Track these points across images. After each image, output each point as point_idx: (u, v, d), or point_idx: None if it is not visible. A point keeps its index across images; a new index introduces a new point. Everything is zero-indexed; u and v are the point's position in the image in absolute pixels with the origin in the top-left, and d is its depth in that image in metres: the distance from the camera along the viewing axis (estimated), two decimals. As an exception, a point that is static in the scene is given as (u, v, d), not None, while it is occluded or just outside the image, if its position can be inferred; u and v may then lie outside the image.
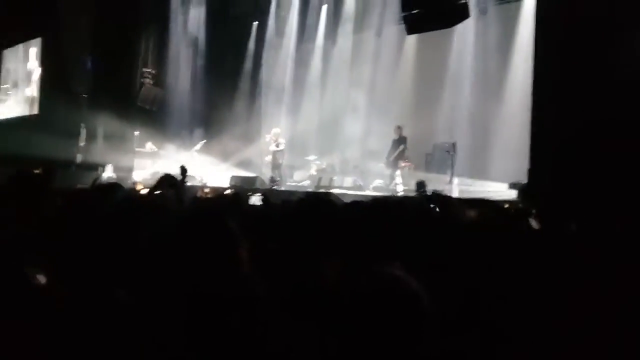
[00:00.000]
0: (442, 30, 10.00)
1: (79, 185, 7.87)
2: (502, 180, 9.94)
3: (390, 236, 2.37)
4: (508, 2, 11.96)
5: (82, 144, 13.88)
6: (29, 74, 16.57)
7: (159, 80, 15.14)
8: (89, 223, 2.27)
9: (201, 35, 15.84)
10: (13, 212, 2.48)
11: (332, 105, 14.03)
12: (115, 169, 13.12)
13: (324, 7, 14.63)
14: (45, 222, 2.38)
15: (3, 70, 17.88)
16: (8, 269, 1.59)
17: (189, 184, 11.92)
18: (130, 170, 13.59)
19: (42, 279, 1.62)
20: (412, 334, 1.30)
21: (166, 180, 3.37)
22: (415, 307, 1.30)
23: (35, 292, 1.57)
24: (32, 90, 16.32)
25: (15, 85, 17.38)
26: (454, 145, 10.43)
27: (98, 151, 13.46)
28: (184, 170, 4.11)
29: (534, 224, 3.35)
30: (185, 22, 15.57)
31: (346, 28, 14.24)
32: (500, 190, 9.69)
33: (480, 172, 10.77)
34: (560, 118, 7.36)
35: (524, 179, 8.26)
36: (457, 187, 10.19)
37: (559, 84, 7.46)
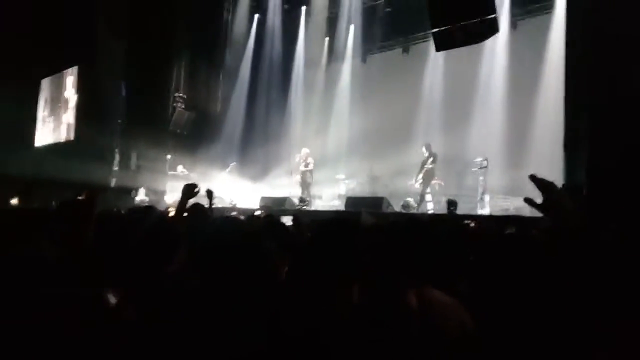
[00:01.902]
0: (471, 46, 9.95)
1: (114, 209, 8.01)
2: (536, 197, 9.74)
3: (423, 256, 2.33)
4: (537, 15, 11.87)
5: (116, 168, 14.20)
6: (66, 102, 17.08)
7: (191, 104, 15.43)
8: (123, 246, 2.32)
9: (232, 58, 16.13)
10: (64, 238, 2.57)
11: (361, 124, 14.04)
12: (148, 192, 13.36)
13: (352, 27, 14.76)
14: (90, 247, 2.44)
15: (41, 99, 18.48)
16: (86, 292, 1.65)
17: (219, 205, 12.06)
18: (163, 193, 13.81)
19: (112, 299, 1.69)
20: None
21: (189, 190, 3.40)
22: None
23: (108, 313, 1.64)
24: (69, 117, 16.79)
25: (52, 112, 17.93)
26: (485, 161, 10.28)
27: (131, 175, 13.74)
28: (210, 193, 4.15)
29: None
30: (217, 47, 15.86)
31: (374, 46, 14.32)
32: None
33: (513, 188, 10.58)
34: (595, 131, 7.22)
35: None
36: (489, 204, 10.03)
37: (591, 97, 7.33)
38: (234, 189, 13.97)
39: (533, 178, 2.29)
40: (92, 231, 2.82)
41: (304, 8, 15.77)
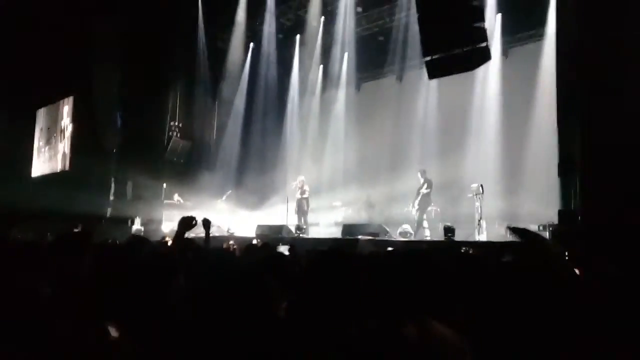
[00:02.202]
0: (464, 73, 10.07)
1: (109, 240, 7.96)
2: (531, 222, 9.75)
3: (422, 286, 2.32)
4: (528, 43, 12.07)
5: (112, 197, 14.18)
6: (61, 132, 17.13)
7: (186, 133, 15.50)
8: (120, 279, 2.32)
9: (227, 86, 16.26)
10: (61, 270, 2.58)
11: (356, 151, 14.12)
12: (144, 222, 13.31)
13: (345, 55, 14.94)
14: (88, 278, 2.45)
15: (37, 129, 18.54)
16: (87, 322, 1.66)
17: (216, 234, 12.00)
18: (159, 222, 13.76)
19: (114, 332, 1.70)
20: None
21: (186, 222, 3.40)
22: None
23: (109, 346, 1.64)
24: (65, 147, 16.83)
25: (48, 142, 17.97)
26: (481, 187, 10.31)
27: (127, 204, 13.71)
28: (207, 223, 4.10)
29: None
30: (212, 75, 15.99)
31: (368, 74, 14.49)
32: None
33: (509, 214, 10.59)
34: (588, 157, 7.28)
35: (554, 219, 8.09)
36: (486, 230, 10.02)
37: (584, 123, 7.41)
38: (230, 217, 13.93)
39: (512, 230, 2.32)
40: (89, 264, 2.81)
41: (298, 37, 15.99)
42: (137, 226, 13.23)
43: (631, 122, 6.67)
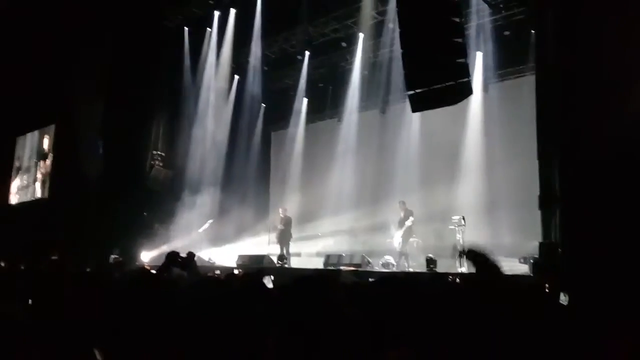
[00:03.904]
0: (446, 107, 10.25)
1: (88, 269, 7.82)
2: (512, 255, 9.81)
3: (404, 317, 2.32)
4: (509, 79, 12.37)
5: (91, 226, 13.95)
6: (42, 160, 16.94)
7: (168, 162, 15.43)
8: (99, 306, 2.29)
9: (211, 117, 16.29)
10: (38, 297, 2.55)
11: (339, 182, 14.17)
12: (123, 251, 13.11)
13: (330, 88, 15.13)
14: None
15: (17, 157, 18.30)
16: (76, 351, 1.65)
17: (197, 264, 11.85)
18: (138, 251, 13.58)
19: (100, 356, 1.69)
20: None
21: (172, 258, 3.44)
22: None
23: None
24: (45, 175, 16.62)
25: (28, 171, 17.73)
26: (462, 218, 10.39)
27: (107, 233, 13.49)
28: (191, 256, 4.12)
29: (562, 298, 3.30)
30: (195, 104, 16.03)
31: (351, 106, 14.65)
32: (511, 265, 9.54)
33: (490, 246, 10.63)
34: (568, 190, 7.38)
35: (535, 253, 8.15)
36: (467, 262, 10.05)
37: (564, 157, 7.54)
38: (211, 247, 13.81)
39: (465, 254, 2.35)
40: (66, 291, 2.76)
41: (283, 70, 16.17)
42: (116, 255, 13.03)
43: (609, 156, 6.80)
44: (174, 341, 1.83)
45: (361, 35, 13.94)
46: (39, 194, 16.71)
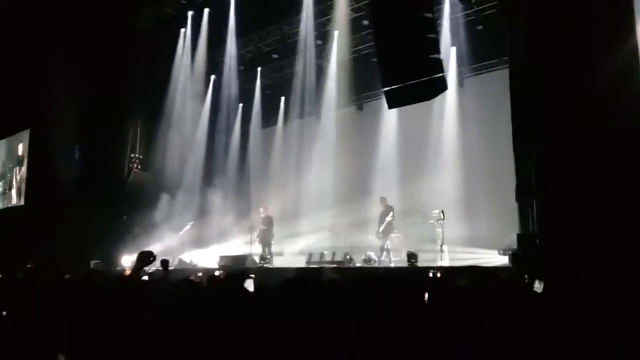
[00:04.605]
0: (422, 103, 10.33)
1: (66, 276, 7.73)
2: (492, 247, 9.95)
3: (385, 310, 2.35)
4: (483, 73, 12.51)
5: (69, 232, 13.78)
6: (17, 166, 16.67)
7: (147, 165, 15.30)
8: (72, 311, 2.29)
9: (188, 118, 16.16)
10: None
11: (319, 180, 14.19)
12: (104, 256, 12.99)
13: (307, 87, 15.11)
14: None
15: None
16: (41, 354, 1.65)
17: (179, 267, 11.79)
18: (119, 256, 13.45)
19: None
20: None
21: (144, 257, 3.38)
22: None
23: None
24: (20, 181, 16.36)
25: (3, 177, 17.43)
26: (442, 213, 10.49)
27: (86, 238, 13.33)
28: (165, 263, 4.14)
29: (537, 286, 3.35)
30: (172, 105, 15.89)
31: (328, 104, 14.66)
32: (491, 257, 9.69)
33: (470, 239, 10.80)
34: (544, 181, 7.51)
35: (514, 244, 8.26)
36: (448, 255, 10.17)
37: (539, 148, 7.66)
38: (194, 249, 13.75)
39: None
40: (41, 299, 2.75)
41: (259, 69, 16.14)
42: (96, 260, 12.90)
43: (584, 144, 6.94)
44: (149, 344, 1.84)
45: (336, 33, 13.96)
46: (14, 201, 16.46)
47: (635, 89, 6.92)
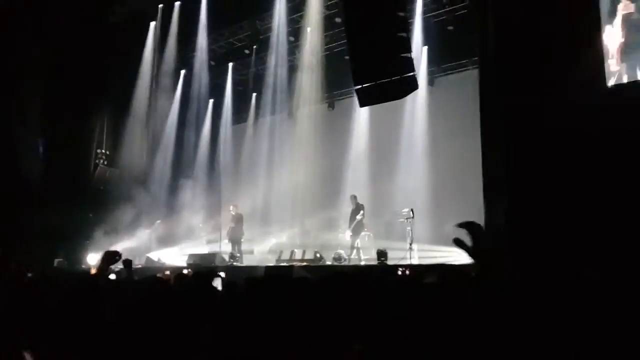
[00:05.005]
0: (393, 102, 10.38)
1: (29, 275, 7.52)
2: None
3: (354, 309, 2.34)
4: (453, 73, 12.66)
5: (33, 229, 13.41)
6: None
7: (115, 161, 15.00)
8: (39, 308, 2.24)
9: (157, 113, 15.91)
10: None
11: (290, 177, 14.15)
12: (68, 253, 12.68)
13: (278, 83, 15.05)
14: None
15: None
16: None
17: (147, 265, 11.61)
18: (84, 254, 13.16)
19: (29, 357, 1.65)
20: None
21: (109, 256, 3.41)
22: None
23: None
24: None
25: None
26: (411, 211, 10.58)
27: (50, 236, 12.99)
28: (128, 263, 4.14)
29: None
30: (140, 100, 15.60)
31: (300, 101, 14.63)
32: (459, 254, 9.77)
33: (440, 237, 10.89)
34: (511, 179, 7.63)
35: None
36: (417, 254, 10.26)
37: (507, 145, 7.78)
38: (162, 247, 13.55)
39: (463, 225, 2.39)
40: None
41: (230, 64, 15.99)
42: (61, 258, 12.59)
43: (552, 144, 7.08)
44: (112, 343, 1.80)
45: (308, 30, 13.92)
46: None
47: (601, 87, 7.10)
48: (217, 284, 3.30)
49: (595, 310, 1.99)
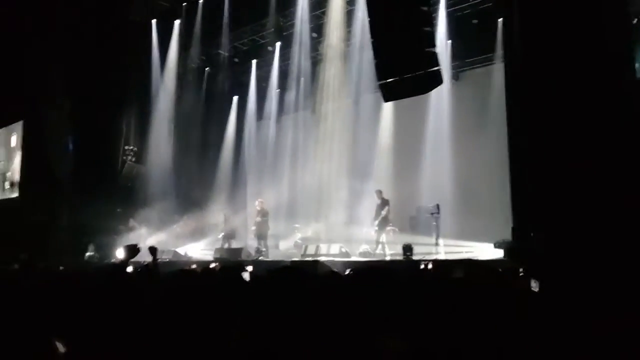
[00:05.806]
0: (418, 97, 10.31)
1: (61, 268, 7.73)
2: (487, 240, 9.97)
3: (380, 303, 2.35)
4: (478, 67, 12.52)
5: (64, 224, 13.73)
6: (10, 158, 16.57)
7: (141, 157, 15.23)
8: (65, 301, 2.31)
9: (183, 110, 16.09)
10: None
11: (315, 173, 14.18)
12: (98, 247, 12.95)
13: (302, 80, 15.08)
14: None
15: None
16: (34, 339, 1.67)
17: (174, 259, 11.79)
18: (113, 248, 13.40)
19: (61, 348, 1.70)
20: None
21: (129, 250, 3.52)
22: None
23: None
24: (14, 174, 16.27)
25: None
26: (437, 206, 10.52)
27: (80, 230, 13.29)
28: (153, 250, 4.20)
29: (533, 285, 3.36)
30: (166, 97, 15.79)
31: (324, 97, 14.63)
32: (486, 250, 9.71)
33: (465, 232, 10.81)
34: (538, 174, 7.54)
35: (509, 237, 8.29)
36: (443, 249, 10.21)
37: (534, 141, 7.69)
38: (188, 242, 13.75)
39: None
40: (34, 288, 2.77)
41: (254, 61, 16.07)
42: (90, 252, 12.87)
43: (580, 139, 6.97)
44: (143, 335, 1.85)
45: (331, 25, 13.90)
46: (8, 193, 16.37)
47: (629, 81, 6.96)
48: (246, 277, 3.36)
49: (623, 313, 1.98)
